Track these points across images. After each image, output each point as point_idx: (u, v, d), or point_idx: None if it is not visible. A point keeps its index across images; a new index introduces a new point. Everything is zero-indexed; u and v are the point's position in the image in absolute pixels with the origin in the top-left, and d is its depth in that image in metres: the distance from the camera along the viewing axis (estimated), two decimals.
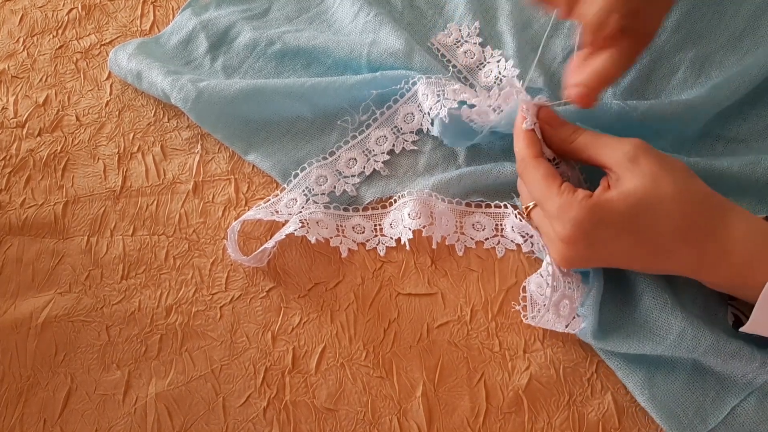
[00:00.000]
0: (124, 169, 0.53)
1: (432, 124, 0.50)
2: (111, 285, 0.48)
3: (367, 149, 0.51)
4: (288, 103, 0.52)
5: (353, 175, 0.50)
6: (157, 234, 0.50)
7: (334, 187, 0.50)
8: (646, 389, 0.40)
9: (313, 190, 0.49)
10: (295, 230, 0.46)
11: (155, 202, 0.51)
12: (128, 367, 0.44)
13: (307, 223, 0.47)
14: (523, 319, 0.43)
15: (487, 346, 0.44)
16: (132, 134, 0.55)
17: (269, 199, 0.50)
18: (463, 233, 0.48)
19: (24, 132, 0.55)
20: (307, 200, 0.49)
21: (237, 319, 0.46)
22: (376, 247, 0.48)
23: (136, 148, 0.54)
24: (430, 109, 0.49)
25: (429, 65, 0.52)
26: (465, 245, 0.47)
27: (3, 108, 0.57)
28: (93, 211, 0.51)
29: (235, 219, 0.50)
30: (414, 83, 0.51)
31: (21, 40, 0.61)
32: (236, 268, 0.48)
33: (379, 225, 0.49)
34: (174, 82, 0.52)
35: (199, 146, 0.54)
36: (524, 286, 0.44)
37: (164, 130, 0.55)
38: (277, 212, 0.48)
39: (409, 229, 0.47)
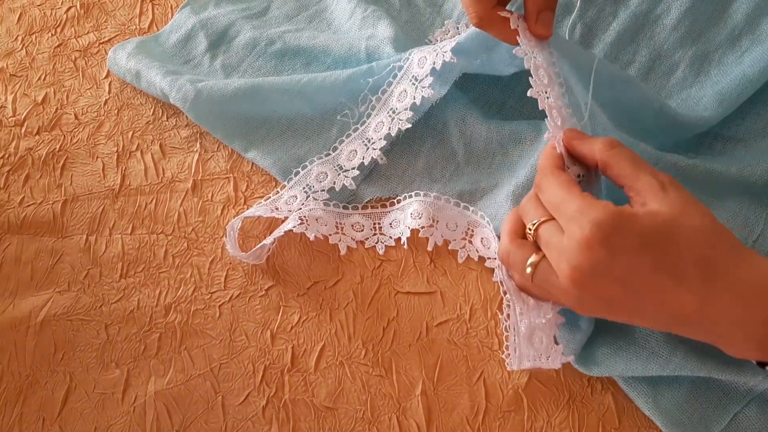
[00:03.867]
0: (123, 168, 0.53)
1: (430, 76, 0.49)
2: (110, 284, 0.48)
3: (366, 138, 0.51)
4: (286, 100, 0.52)
5: (353, 168, 0.50)
6: (156, 233, 0.50)
7: (334, 183, 0.50)
8: (650, 398, 0.40)
9: (313, 187, 0.49)
10: (294, 227, 0.46)
11: (154, 201, 0.51)
12: (127, 365, 0.44)
13: (307, 220, 0.47)
14: (507, 367, 0.42)
15: (486, 345, 0.44)
16: (131, 133, 0.55)
17: (269, 197, 0.50)
18: (470, 242, 0.47)
19: (23, 130, 0.55)
20: (307, 197, 0.49)
21: (236, 318, 0.46)
22: (375, 246, 0.48)
23: (135, 147, 0.54)
24: (434, 63, 0.48)
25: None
26: (468, 254, 0.47)
27: (1, 106, 0.57)
28: (92, 210, 0.51)
29: (234, 217, 0.49)
30: (407, 59, 0.51)
31: (19, 38, 0.61)
32: (235, 266, 0.48)
33: (378, 224, 0.49)
34: (173, 81, 0.52)
35: (198, 145, 0.54)
36: (505, 326, 0.43)
37: (163, 129, 0.55)
38: (276, 209, 0.48)
39: (408, 227, 0.47)
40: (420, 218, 0.47)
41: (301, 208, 0.48)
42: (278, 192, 0.50)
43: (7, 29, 0.62)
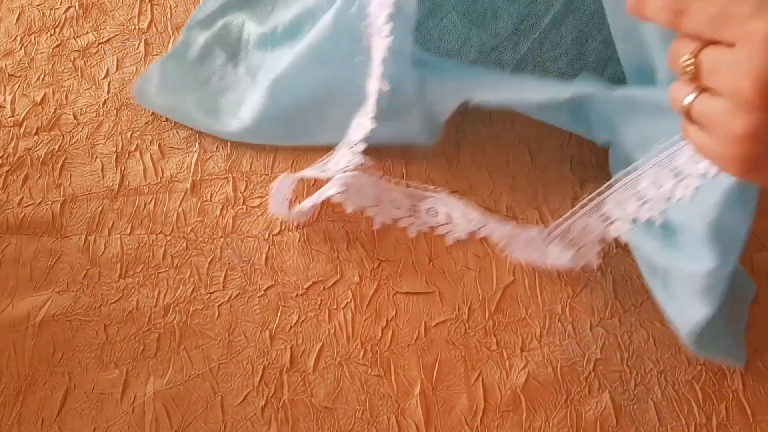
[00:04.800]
0: (122, 168, 0.53)
1: None
2: (109, 284, 0.48)
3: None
4: (313, 69, 0.52)
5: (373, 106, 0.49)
6: (155, 233, 0.50)
7: (363, 126, 0.49)
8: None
9: (354, 140, 0.49)
10: (337, 193, 0.46)
11: (153, 201, 0.51)
12: (126, 366, 0.44)
13: (349, 188, 0.47)
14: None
15: (484, 345, 0.44)
16: (130, 133, 0.55)
17: (322, 159, 0.50)
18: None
19: (21, 131, 0.55)
20: (352, 152, 0.49)
21: (235, 318, 0.46)
22: (407, 228, 0.48)
23: (134, 147, 0.54)
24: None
25: None
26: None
27: (0, 107, 0.57)
28: (91, 210, 0.51)
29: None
30: None
31: (18, 38, 0.61)
32: (234, 267, 0.48)
33: (417, 206, 0.49)
34: (215, 122, 0.53)
35: (197, 145, 0.54)
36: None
37: (162, 129, 0.55)
38: (326, 170, 0.49)
39: (465, 231, 0.48)
40: (472, 221, 0.48)
41: (347, 167, 0.48)
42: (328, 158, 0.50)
43: (6, 29, 0.62)
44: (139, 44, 0.60)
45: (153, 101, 0.55)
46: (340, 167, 0.48)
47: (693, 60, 0.30)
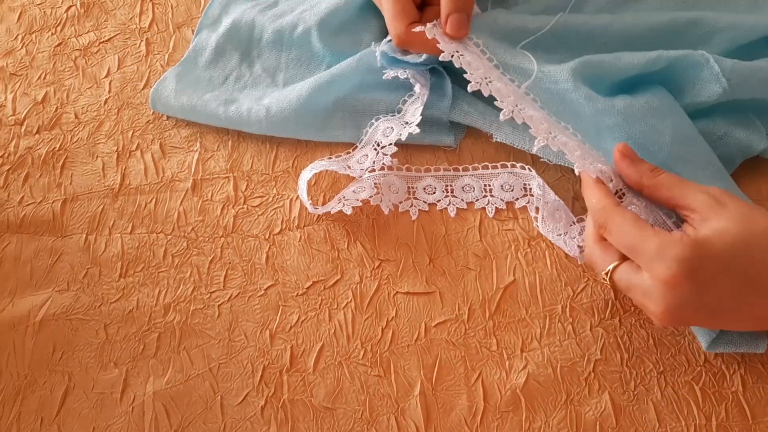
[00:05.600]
0: (123, 167, 0.53)
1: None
2: (109, 283, 0.48)
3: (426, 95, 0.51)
4: (351, 77, 0.52)
5: (419, 117, 0.50)
6: (155, 232, 0.50)
7: (400, 135, 0.50)
8: None
9: (381, 142, 0.50)
10: (370, 197, 0.48)
11: (154, 200, 0.51)
12: (126, 365, 0.44)
13: (381, 188, 0.49)
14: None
15: (484, 345, 0.44)
16: (131, 132, 0.55)
17: (340, 155, 0.51)
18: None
19: (23, 129, 0.56)
20: (377, 154, 0.50)
21: (235, 318, 0.46)
22: (446, 208, 0.49)
23: (134, 146, 0.54)
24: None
25: None
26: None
27: (1, 105, 0.57)
28: (91, 209, 0.51)
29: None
30: None
31: (20, 37, 0.61)
32: (234, 266, 0.48)
33: (451, 186, 0.50)
34: (237, 109, 0.53)
35: (198, 144, 0.54)
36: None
37: (163, 128, 0.55)
38: (349, 167, 0.49)
39: (503, 200, 0.49)
40: (512, 190, 0.49)
41: (373, 168, 0.49)
42: (349, 152, 0.51)
43: (7, 28, 0.62)
44: (140, 43, 0.60)
45: (171, 104, 0.55)
46: (365, 167, 0.49)
47: (609, 278, 0.39)
